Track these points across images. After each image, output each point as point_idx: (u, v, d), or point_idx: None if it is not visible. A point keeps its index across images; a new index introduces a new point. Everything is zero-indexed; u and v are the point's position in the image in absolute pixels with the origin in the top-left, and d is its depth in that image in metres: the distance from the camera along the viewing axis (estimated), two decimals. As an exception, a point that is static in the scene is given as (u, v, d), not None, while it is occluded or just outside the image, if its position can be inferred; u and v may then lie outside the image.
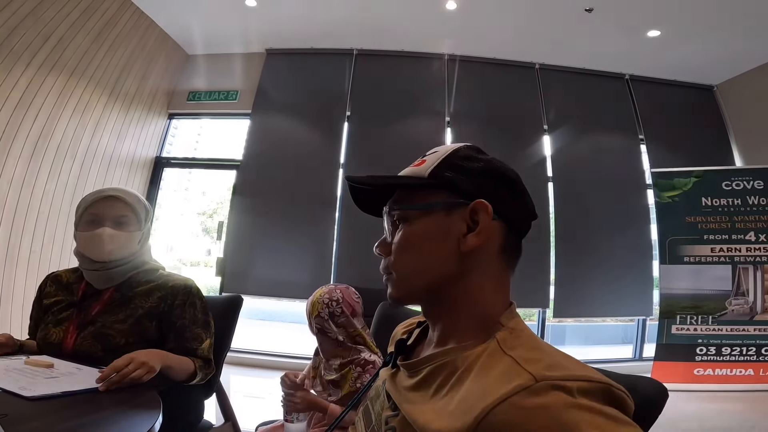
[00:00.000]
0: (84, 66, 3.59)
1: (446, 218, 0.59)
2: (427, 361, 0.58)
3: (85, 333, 1.22)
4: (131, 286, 1.32)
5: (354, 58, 4.64)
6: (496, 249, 0.59)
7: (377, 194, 0.68)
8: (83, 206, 1.29)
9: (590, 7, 3.69)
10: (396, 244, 0.62)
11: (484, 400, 0.43)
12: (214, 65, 4.81)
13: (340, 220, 4.22)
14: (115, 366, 1.01)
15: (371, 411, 0.66)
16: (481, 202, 0.57)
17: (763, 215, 3.74)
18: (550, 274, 4.22)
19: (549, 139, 4.55)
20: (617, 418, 0.41)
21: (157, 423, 0.86)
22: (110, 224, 1.28)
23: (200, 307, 1.35)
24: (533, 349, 0.50)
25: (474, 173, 0.61)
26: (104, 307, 1.27)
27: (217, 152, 5.18)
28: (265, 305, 6.63)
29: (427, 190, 0.62)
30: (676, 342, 3.72)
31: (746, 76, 4.51)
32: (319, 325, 1.40)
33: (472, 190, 0.59)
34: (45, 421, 0.80)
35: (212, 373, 1.35)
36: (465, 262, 0.58)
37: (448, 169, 0.61)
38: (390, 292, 0.63)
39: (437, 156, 0.64)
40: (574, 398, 0.41)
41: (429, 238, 0.59)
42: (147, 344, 1.26)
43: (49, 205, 3.40)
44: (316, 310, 1.40)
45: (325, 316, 1.39)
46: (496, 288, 0.59)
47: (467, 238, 0.57)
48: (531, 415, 0.41)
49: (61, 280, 1.37)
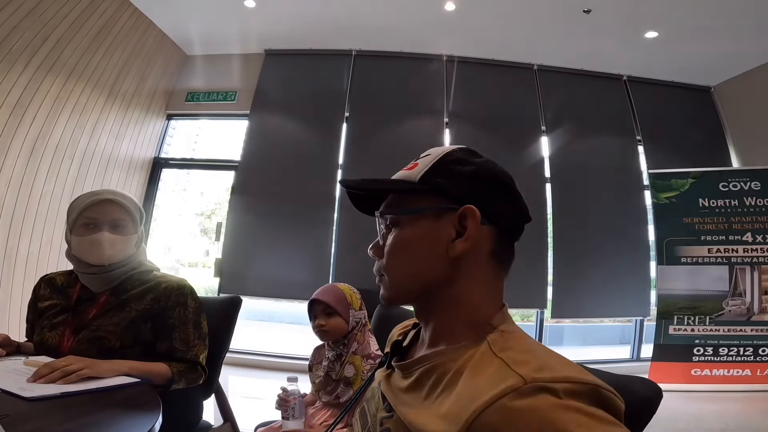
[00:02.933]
0: (82, 66, 3.59)
1: (436, 223, 0.60)
2: (419, 362, 0.59)
3: (80, 337, 1.22)
4: (126, 289, 1.31)
5: (352, 59, 4.65)
6: (487, 253, 0.59)
7: (372, 197, 0.69)
8: (77, 209, 1.27)
9: (588, 8, 3.70)
10: (387, 247, 0.63)
11: (474, 402, 0.44)
12: (212, 66, 4.81)
13: (339, 221, 4.22)
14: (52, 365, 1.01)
15: (367, 412, 0.67)
16: (469, 207, 0.57)
17: (760, 216, 3.75)
18: (547, 274, 4.23)
19: (547, 139, 4.56)
20: (603, 419, 0.41)
21: (156, 424, 0.86)
22: (108, 228, 1.27)
23: (192, 307, 1.34)
24: (523, 351, 0.50)
25: (464, 177, 0.61)
26: (100, 310, 1.27)
27: (215, 153, 5.18)
28: (264, 306, 6.63)
29: (417, 195, 0.62)
30: (674, 342, 3.73)
31: (743, 78, 4.53)
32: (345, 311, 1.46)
33: (461, 195, 0.59)
34: (45, 421, 0.80)
35: (202, 378, 1.33)
36: (454, 267, 0.58)
37: (438, 174, 0.61)
38: (382, 293, 0.65)
39: (429, 160, 0.64)
40: (560, 399, 0.41)
41: (418, 243, 0.60)
42: (142, 347, 1.26)
43: (47, 206, 3.40)
44: (349, 298, 1.48)
45: (355, 305, 1.49)
46: (487, 291, 0.59)
47: (455, 243, 0.58)
48: (519, 416, 0.41)
49: (55, 283, 1.36)
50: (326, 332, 1.45)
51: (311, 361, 1.58)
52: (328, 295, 1.47)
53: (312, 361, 1.58)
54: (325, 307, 1.45)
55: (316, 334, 1.49)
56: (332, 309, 1.44)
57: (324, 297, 1.46)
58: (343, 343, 1.45)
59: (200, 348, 1.33)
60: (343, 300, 1.47)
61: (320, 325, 1.45)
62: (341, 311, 1.44)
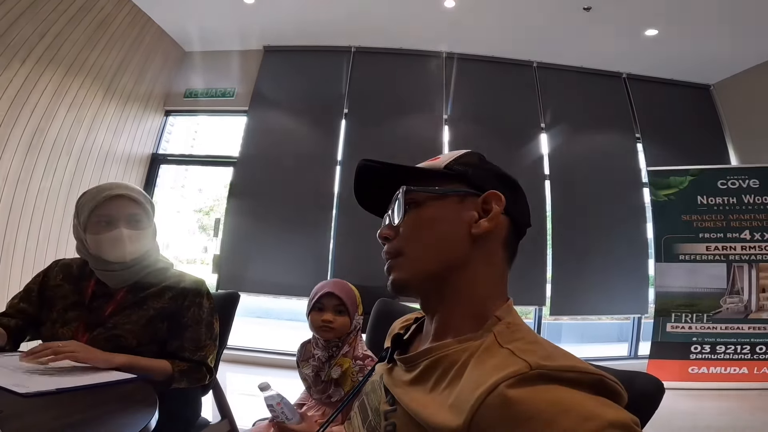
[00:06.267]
0: (80, 62, 3.57)
1: (459, 205, 0.62)
2: (424, 354, 0.59)
3: (95, 334, 1.19)
4: (143, 287, 1.29)
5: (352, 56, 4.63)
6: (502, 241, 0.62)
7: (383, 186, 0.69)
8: (89, 206, 1.22)
9: (588, 5, 3.70)
10: (407, 226, 0.63)
11: (479, 387, 0.44)
12: (211, 62, 4.79)
13: (337, 217, 4.21)
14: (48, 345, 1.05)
15: (367, 406, 0.67)
16: (495, 192, 0.61)
17: (758, 214, 3.76)
18: (546, 272, 4.23)
19: (546, 137, 4.56)
20: (609, 405, 0.42)
21: (153, 420, 0.86)
22: (124, 224, 1.24)
23: (207, 308, 1.33)
24: (530, 342, 0.51)
25: (485, 170, 0.65)
26: (117, 307, 1.24)
27: (214, 149, 5.17)
28: (262, 302, 6.63)
29: (442, 179, 0.64)
30: (671, 340, 3.74)
31: (743, 76, 4.53)
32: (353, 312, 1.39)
33: (484, 185, 0.63)
34: (41, 417, 0.80)
35: (207, 379, 1.30)
36: (473, 247, 0.60)
37: (462, 165, 0.65)
38: (394, 276, 0.63)
39: (451, 154, 0.68)
40: (565, 387, 0.42)
41: (442, 222, 0.62)
42: (158, 346, 1.25)
43: (45, 202, 3.39)
44: (357, 299, 1.41)
45: (360, 308, 1.42)
46: (496, 282, 0.61)
47: (480, 222, 0.60)
48: (524, 400, 0.41)
49: (72, 271, 1.31)
50: (331, 330, 1.34)
51: (298, 358, 1.49)
52: (343, 291, 1.37)
53: (299, 357, 1.49)
54: (338, 303, 1.35)
55: (317, 329, 1.37)
56: (344, 307, 1.35)
57: (340, 292, 1.36)
58: (337, 345, 1.37)
59: (210, 349, 1.32)
60: (354, 300, 1.40)
61: (327, 321, 1.34)
62: (351, 311, 1.36)
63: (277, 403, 1.16)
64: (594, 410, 0.40)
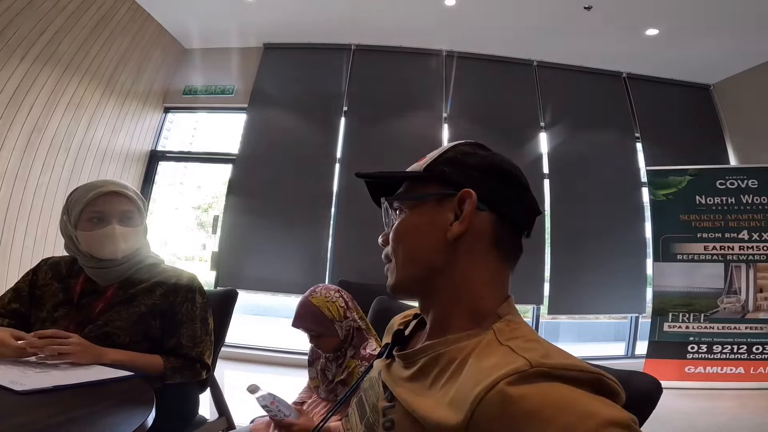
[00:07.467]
0: (79, 59, 3.56)
1: (437, 209, 0.61)
2: (423, 351, 0.59)
3: (86, 332, 1.18)
4: (134, 283, 1.28)
5: (351, 54, 4.63)
6: (488, 241, 0.60)
7: (386, 191, 0.70)
8: (81, 203, 1.21)
9: (589, 5, 3.69)
10: (392, 232, 0.65)
11: (479, 384, 0.44)
12: (211, 59, 4.78)
13: (336, 215, 4.21)
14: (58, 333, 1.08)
15: (365, 402, 0.67)
16: (466, 191, 0.59)
17: (757, 214, 3.76)
18: (544, 271, 4.24)
19: (545, 136, 4.56)
20: (607, 403, 0.42)
21: (149, 418, 0.86)
22: (117, 221, 1.23)
23: (200, 303, 1.32)
24: (530, 340, 0.51)
25: (467, 166, 0.62)
26: (107, 304, 1.23)
27: (212, 146, 5.16)
28: (260, 300, 6.62)
29: (423, 183, 0.64)
30: (668, 339, 3.74)
31: (743, 76, 4.53)
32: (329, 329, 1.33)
33: (462, 182, 0.60)
34: (36, 415, 0.80)
35: (202, 375, 1.30)
36: (453, 251, 0.59)
37: (443, 164, 0.64)
38: (388, 281, 0.66)
39: (437, 152, 0.66)
40: (564, 384, 0.42)
41: (420, 228, 0.62)
42: (151, 342, 1.25)
43: (42, 199, 3.38)
44: (328, 312, 1.33)
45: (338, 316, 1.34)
46: (489, 281, 0.60)
47: (452, 226, 0.59)
48: (524, 398, 0.42)
49: (60, 269, 1.31)
50: (323, 349, 1.36)
51: (311, 356, 1.52)
52: (305, 320, 1.33)
53: (312, 356, 1.52)
54: (309, 330, 1.34)
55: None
56: (316, 331, 1.33)
57: (302, 324, 1.34)
58: (341, 352, 1.36)
59: (206, 345, 1.32)
60: (321, 318, 1.31)
61: (314, 345, 1.37)
62: (324, 331, 1.32)
63: (271, 401, 1.16)
64: (593, 408, 0.40)
